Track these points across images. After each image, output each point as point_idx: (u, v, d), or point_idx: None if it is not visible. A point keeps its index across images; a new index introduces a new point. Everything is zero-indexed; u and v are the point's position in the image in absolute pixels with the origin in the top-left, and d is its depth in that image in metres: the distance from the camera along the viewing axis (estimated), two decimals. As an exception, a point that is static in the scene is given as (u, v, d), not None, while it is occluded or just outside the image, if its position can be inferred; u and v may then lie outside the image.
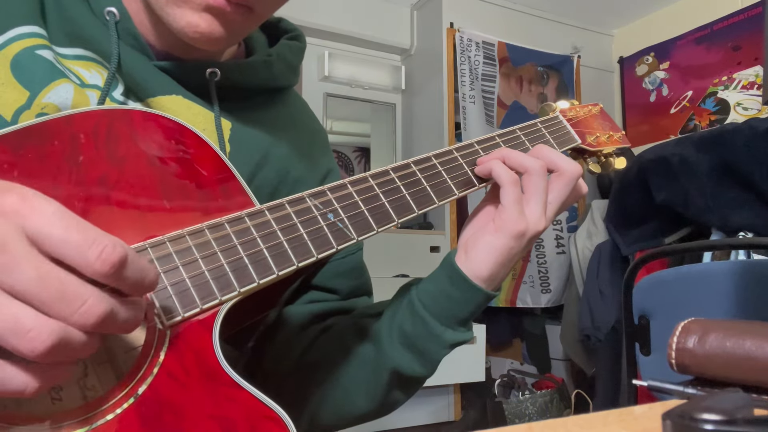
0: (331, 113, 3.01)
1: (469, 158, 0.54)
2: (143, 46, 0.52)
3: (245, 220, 0.41)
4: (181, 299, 0.37)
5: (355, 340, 0.57)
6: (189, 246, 0.38)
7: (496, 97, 2.93)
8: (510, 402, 2.41)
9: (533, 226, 0.50)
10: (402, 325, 0.53)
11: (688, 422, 0.23)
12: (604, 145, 0.62)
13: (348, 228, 0.45)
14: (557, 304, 2.86)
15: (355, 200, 0.46)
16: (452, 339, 0.52)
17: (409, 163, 0.50)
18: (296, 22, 2.75)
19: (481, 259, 0.50)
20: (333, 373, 0.57)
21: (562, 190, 0.52)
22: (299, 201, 0.44)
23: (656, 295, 1.04)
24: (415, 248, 2.53)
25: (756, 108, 2.71)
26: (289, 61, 0.62)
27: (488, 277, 0.50)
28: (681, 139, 1.70)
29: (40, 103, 0.46)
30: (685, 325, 0.43)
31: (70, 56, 0.50)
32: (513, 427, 0.28)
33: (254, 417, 0.36)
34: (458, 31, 2.85)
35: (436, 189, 0.50)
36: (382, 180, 0.48)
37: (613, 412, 0.32)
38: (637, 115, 3.29)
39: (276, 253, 0.41)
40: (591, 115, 0.64)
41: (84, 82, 0.49)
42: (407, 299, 0.54)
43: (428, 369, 0.54)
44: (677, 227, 1.74)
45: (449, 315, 0.52)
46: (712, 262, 1.48)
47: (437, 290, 0.52)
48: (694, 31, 2.98)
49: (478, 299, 0.51)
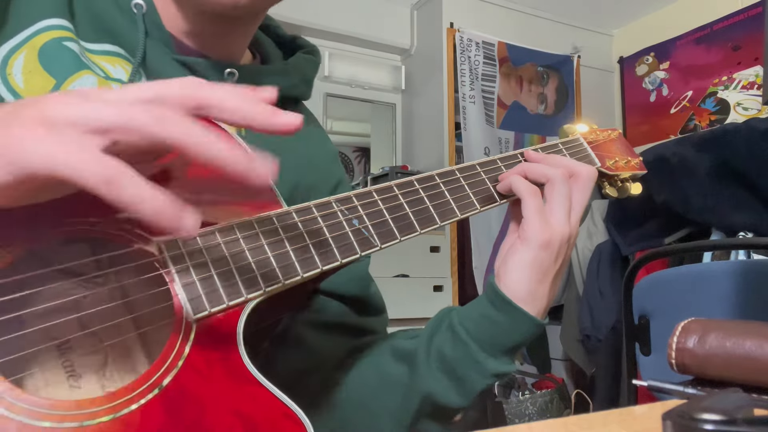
0: (331, 113, 3.01)
1: (491, 174, 0.54)
2: (166, 37, 0.53)
3: (273, 221, 0.41)
4: (209, 295, 0.37)
5: (388, 361, 0.55)
6: (218, 243, 0.39)
7: (496, 97, 2.93)
8: (510, 402, 2.41)
9: (558, 233, 0.50)
10: (441, 349, 0.51)
11: (688, 422, 0.23)
12: (621, 169, 0.62)
13: (372, 236, 0.45)
14: (557, 304, 2.85)
15: (380, 208, 0.47)
16: (495, 369, 0.50)
17: (433, 176, 0.51)
18: (296, 22, 2.73)
19: (515, 278, 0.49)
20: (361, 393, 0.56)
21: (584, 193, 0.53)
22: (326, 206, 0.44)
23: (656, 295, 1.04)
24: (415, 248, 2.53)
25: (756, 108, 2.71)
26: (305, 73, 0.63)
27: (525, 296, 0.49)
28: (681, 139, 1.71)
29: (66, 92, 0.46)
30: (685, 325, 0.43)
31: (97, 51, 0.51)
32: (513, 427, 0.28)
33: (275, 415, 0.36)
34: (458, 31, 2.85)
35: (459, 203, 0.51)
36: (407, 190, 0.49)
37: (613, 412, 0.32)
38: (637, 115, 3.29)
39: (302, 256, 0.41)
40: (610, 139, 0.65)
41: (109, 75, 0.50)
42: (447, 322, 0.52)
43: (464, 399, 0.51)
44: (677, 227, 1.74)
45: (493, 342, 0.50)
46: (712, 262, 1.48)
47: (479, 314, 0.50)
48: (694, 31, 2.98)
49: (523, 326, 0.49)
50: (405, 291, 2.38)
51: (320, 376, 0.58)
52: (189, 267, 0.37)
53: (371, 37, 3.00)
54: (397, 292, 2.33)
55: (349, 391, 0.56)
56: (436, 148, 2.84)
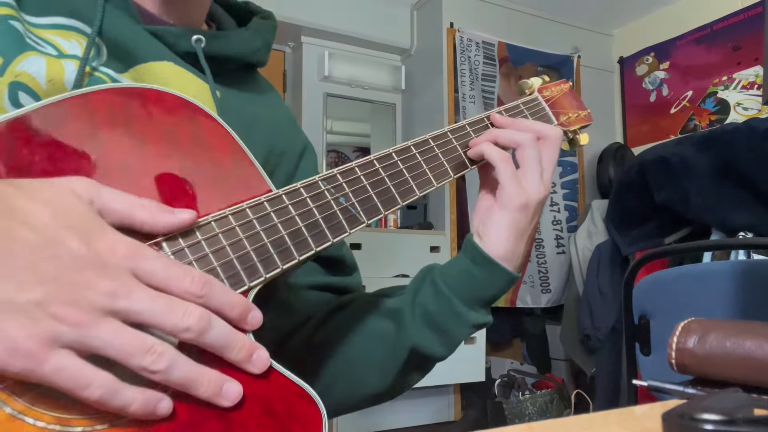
0: (331, 113, 3.01)
1: (462, 141, 0.57)
2: (131, 9, 0.51)
3: (266, 206, 0.42)
4: None
5: (374, 318, 0.57)
6: (216, 234, 0.39)
7: (496, 96, 2.93)
8: (510, 402, 2.41)
9: (534, 195, 0.52)
10: (425, 304, 0.54)
11: (688, 422, 0.23)
12: (573, 123, 0.66)
13: (359, 212, 0.47)
14: (557, 304, 2.86)
15: (364, 184, 0.49)
16: (475, 320, 0.53)
17: (409, 146, 0.53)
18: (296, 22, 2.74)
19: (494, 238, 0.52)
20: (348, 349, 0.57)
21: (552, 154, 0.56)
22: (313, 186, 0.45)
23: (656, 295, 1.04)
24: (415, 248, 2.53)
25: (756, 108, 2.71)
26: (265, 37, 0.63)
27: (505, 255, 0.52)
28: (681, 139, 1.70)
29: (14, 71, 0.44)
30: (685, 325, 0.43)
31: (46, 25, 0.47)
32: (513, 427, 0.28)
33: (288, 396, 0.38)
34: (458, 31, 2.85)
35: (434, 172, 0.53)
36: (386, 164, 0.51)
37: (613, 412, 0.32)
38: (637, 115, 3.29)
39: (297, 240, 0.43)
40: (563, 93, 0.68)
41: (62, 52, 0.47)
42: (430, 278, 0.55)
43: (448, 349, 0.55)
44: (677, 227, 1.74)
45: (472, 295, 0.53)
46: (712, 262, 1.48)
47: (460, 271, 0.53)
48: (694, 31, 2.98)
49: (501, 280, 0.53)
50: (405, 291, 2.38)
51: (303, 335, 0.60)
52: (192, 262, 0.38)
53: (371, 37, 3.00)
54: (397, 292, 2.33)
55: (336, 349, 0.58)
56: (436, 148, 2.84)
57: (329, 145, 3.03)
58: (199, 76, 0.54)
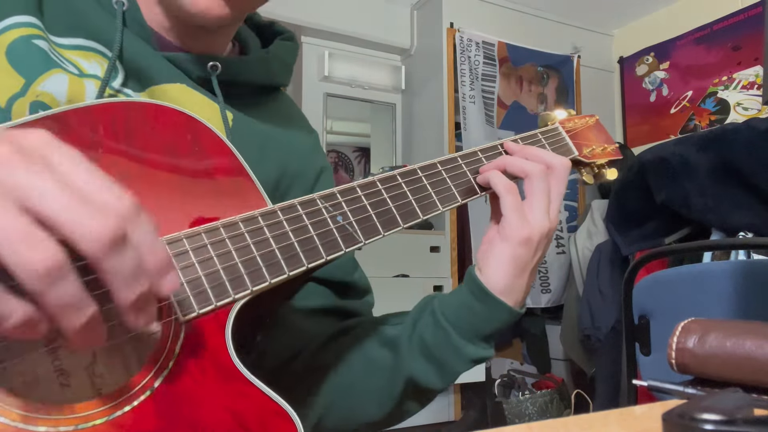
0: (331, 113, 3.01)
1: (472, 166, 0.55)
2: (149, 35, 0.53)
3: (258, 220, 0.42)
4: (197, 296, 0.38)
5: (373, 346, 0.57)
6: (205, 244, 0.39)
7: (496, 97, 2.93)
8: (510, 402, 2.41)
9: (538, 229, 0.51)
10: (423, 335, 0.53)
11: (688, 422, 0.23)
12: (598, 156, 0.64)
13: (356, 231, 0.46)
14: (557, 304, 2.86)
15: (364, 204, 0.47)
16: (473, 354, 0.52)
17: (416, 170, 0.52)
18: (296, 22, 2.73)
19: (494, 271, 0.51)
20: (346, 377, 0.57)
21: (560, 185, 0.54)
22: (310, 203, 0.45)
23: (656, 295, 1.04)
24: (415, 248, 2.53)
25: (756, 108, 2.71)
26: (285, 59, 0.64)
27: (504, 289, 0.51)
28: (681, 139, 1.70)
29: (36, 91, 0.45)
30: (685, 325, 0.43)
31: (68, 46, 0.49)
32: (513, 427, 0.28)
33: (264, 412, 0.37)
34: (458, 31, 2.85)
35: (440, 196, 0.52)
36: (390, 185, 0.49)
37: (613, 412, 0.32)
38: (637, 115, 3.29)
39: (288, 254, 0.42)
40: (587, 126, 0.65)
41: (82, 71, 0.49)
42: (430, 309, 0.54)
43: (444, 381, 0.54)
44: (677, 227, 1.74)
45: (471, 329, 0.52)
46: (712, 262, 1.48)
47: (460, 303, 0.52)
48: (694, 31, 2.98)
49: (501, 315, 0.51)
50: (405, 291, 2.38)
51: (305, 358, 0.60)
52: (176, 269, 0.37)
53: (371, 37, 3.00)
54: (396, 292, 2.33)
55: (335, 375, 0.57)
56: (436, 148, 2.84)
57: (329, 145, 3.03)
58: (211, 98, 0.55)
